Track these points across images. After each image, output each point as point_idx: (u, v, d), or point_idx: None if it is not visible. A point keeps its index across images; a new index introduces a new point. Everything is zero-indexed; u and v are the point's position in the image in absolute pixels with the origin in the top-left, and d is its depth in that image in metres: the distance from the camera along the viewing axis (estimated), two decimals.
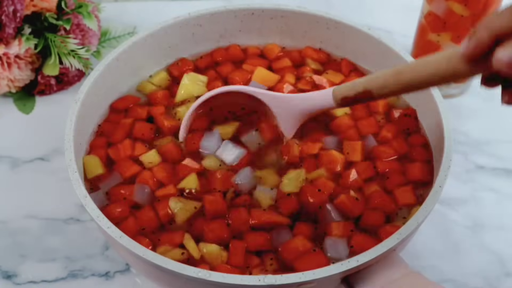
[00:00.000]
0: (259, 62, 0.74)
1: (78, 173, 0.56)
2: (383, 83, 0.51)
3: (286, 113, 0.64)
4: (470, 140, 0.79)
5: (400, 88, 0.50)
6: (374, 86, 0.53)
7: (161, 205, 0.59)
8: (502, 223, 0.71)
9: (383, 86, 0.52)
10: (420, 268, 0.66)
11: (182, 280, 0.51)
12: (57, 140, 0.75)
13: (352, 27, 0.72)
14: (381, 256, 0.51)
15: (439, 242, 0.69)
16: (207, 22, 0.74)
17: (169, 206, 0.59)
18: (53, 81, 0.82)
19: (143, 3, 0.99)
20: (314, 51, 0.75)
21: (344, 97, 0.57)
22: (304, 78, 0.71)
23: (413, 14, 0.83)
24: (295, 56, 0.75)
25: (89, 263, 0.66)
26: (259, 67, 0.72)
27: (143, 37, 0.70)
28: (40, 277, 0.65)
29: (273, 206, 0.60)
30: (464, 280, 0.66)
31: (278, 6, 0.74)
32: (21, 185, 0.73)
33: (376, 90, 0.53)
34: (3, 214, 0.70)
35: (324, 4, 0.99)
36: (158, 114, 0.67)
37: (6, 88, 0.81)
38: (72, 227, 0.69)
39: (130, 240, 0.51)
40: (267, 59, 0.75)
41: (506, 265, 0.67)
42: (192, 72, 0.72)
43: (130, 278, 0.65)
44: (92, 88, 0.64)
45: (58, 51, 0.78)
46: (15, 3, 0.74)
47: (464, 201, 0.73)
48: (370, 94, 0.53)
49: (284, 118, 0.64)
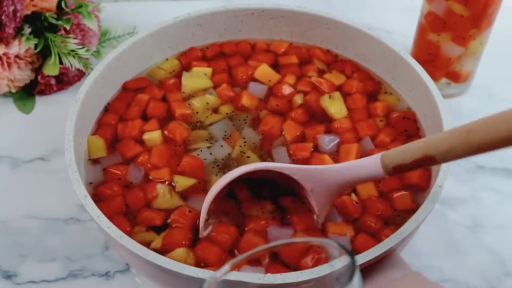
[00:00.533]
0: (266, 57, 0.74)
1: (78, 173, 0.56)
2: (449, 148, 0.45)
3: (320, 188, 0.55)
4: None
5: (470, 152, 0.44)
6: (437, 151, 0.46)
7: (149, 187, 0.60)
8: (502, 223, 0.71)
9: (449, 151, 0.45)
10: (420, 268, 0.66)
11: (182, 280, 0.51)
12: (57, 140, 0.75)
13: (352, 27, 0.72)
14: (381, 256, 0.51)
15: (439, 242, 0.69)
16: (207, 22, 0.74)
17: (156, 189, 0.60)
18: (53, 81, 0.82)
19: (143, 3, 0.99)
20: (322, 52, 0.75)
21: (398, 165, 0.50)
22: (304, 79, 0.71)
23: (413, 14, 0.83)
24: (303, 53, 0.75)
25: (89, 263, 0.66)
26: (264, 64, 0.72)
27: (143, 37, 0.70)
28: (40, 277, 0.65)
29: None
30: (464, 280, 0.66)
31: (278, 6, 0.74)
32: (21, 185, 0.73)
33: (440, 156, 0.46)
34: (3, 214, 0.70)
35: (324, 4, 0.99)
36: (173, 100, 0.68)
37: (6, 88, 0.81)
38: (72, 227, 0.69)
39: (130, 240, 0.51)
40: (274, 53, 0.75)
41: (506, 265, 0.67)
42: (195, 68, 0.72)
43: (130, 278, 0.65)
44: (92, 88, 0.64)
45: (58, 51, 0.78)
46: (15, 3, 0.74)
47: (464, 201, 0.73)
48: (431, 160, 0.47)
49: (318, 194, 0.56)
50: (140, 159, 0.62)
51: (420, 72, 0.66)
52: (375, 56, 0.72)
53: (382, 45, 0.70)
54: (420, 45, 0.82)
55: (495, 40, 0.81)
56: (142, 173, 0.61)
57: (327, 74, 0.72)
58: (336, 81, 0.71)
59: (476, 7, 0.73)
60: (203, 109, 0.68)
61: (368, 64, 0.73)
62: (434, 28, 0.77)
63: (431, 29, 0.78)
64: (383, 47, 0.70)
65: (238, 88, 0.71)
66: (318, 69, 0.73)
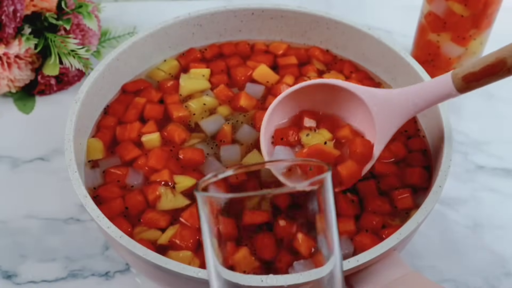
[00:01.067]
0: (265, 58, 0.74)
1: (78, 173, 0.56)
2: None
3: (385, 114, 0.54)
4: (470, 140, 0.79)
5: None
6: (510, 53, 0.43)
7: (150, 189, 0.60)
8: (502, 223, 0.71)
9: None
10: (420, 268, 0.66)
11: (182, 280, 0.51)
12: (57, 140, 0.75)
13: (352, 27, 0.72)
14: (381, 256, 0.51)
15: (439, 242, 0.69)
16: (207, 22, 0.74)
17: (158, 191, 0.59)
18: (53, 81, 0.82)
19: (143, 3, 0.99)
20: (321, 52, 0.75)
21: (469, 73, 0.47)
22: (303, 78, 0.71)
23: (413, 14, 0.83)
24: (302, 54, 0.75)
25: (89, 263, 0.66)
26: (262, 65, 0.72)
27: (143, 37, 0.70)
28: (40, 277, 0.65)
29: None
30: (464, 280, 0.66)
31: (278, 6, 0.74)
32: (21, 185, 0.73)
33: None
34: (3, 214, 0.70)
35: (324, 4, 0.99)
36: (170, 103, 0.68)
37: (6, 88, 0.81)
38: (72, 227, 0.69)
39: (130, 240, 0.51)
40: (273, 54, 0.75)
41: (506, 265, 0.67)
42: (192, 69, 0.72)
43: (130, 278, 0.65)
44: (92, 88, 0.64)
45: (58, 51, 0.78)
46: (15, 3, 0.74)
47: (464, 201, 0.73)
48: (503, 64, 0.45)
49: (382, 119, 0.54)
50: (139, 162, 0.62)
51: (420, 72, 0.66)
52: (375, 56, 0.72)
53: (382, 45, 0.70)
54: (420, 45, 0.82)
55: (495, 40, 0.81)
56: (141, 176, 0.61)
57: (326, 74, 0.72)
58: None
59: (476, 7, 0.73)
60: (200, 110, 0.68)
61: (367, 65, 0.73)
62: (434, 28, 0.77)
63: (431, 29, 0.78)
64: (383, 47, 0.70)
65: (236, 88, 0.71)
66: (317, 69, 0.73)
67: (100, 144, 0.64)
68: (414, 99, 0.53)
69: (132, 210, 0.59)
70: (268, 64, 0.73)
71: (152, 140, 0.64)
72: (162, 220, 0.58)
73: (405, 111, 0.54)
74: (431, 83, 0.53)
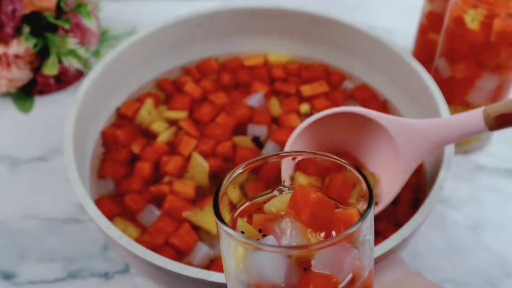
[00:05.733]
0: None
1: (77, 173, 0.56)
2: None
3: (411, 146, 0.51)
4: None
5: None
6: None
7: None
8: (502, 223, 0.71)
9: None
10: (421, 268, 0.66)
11: (182, 280, 0.51)
12: (56, 140, 0.75)
13: (352, 27, 0.72)
14: (382, 257, 0.51)
15: (439, 242, 0.69)
16: (207, 22, 0.74)
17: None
18: (52, 81, 0.82)
19: (143, 3, 0.99)
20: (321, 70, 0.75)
21: (501, 114, 0.47)
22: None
23: (413, 13, 0.83)
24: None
25: (88, 264, 0.66)
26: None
27: (143, 37, 0.70)
28: (40, 278, 0.65)
29: None
30: (464, 280, 0.66)
31: (278, 6, 0.74)
32: (20, 185, 0.73)
33: None
34: (2, 214, 0.70)
35: (324, 4, 0.99)
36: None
37: (5, 88, 0.80)
38: (72, 227, 0.69)
39: (130, 240, 0.51)
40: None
41: (507, 265, 0.67)
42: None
43: (129, 278, 0.65)
44: (91, 87, 0.64)
45: (57, 51, 0.77)
46: (14, 3, 0.74)
47: (464, 201, 0.73)
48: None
49: (406, 151, 0.51)
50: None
51: (420, 72, 0.66)
52: (375, 56, 0.72)
53: (382, 45, 0.70)
54: (421, 45, 0.82)
55: None
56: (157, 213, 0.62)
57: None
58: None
59: None
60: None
61: (368, 64, 0.73)
62: (435, 27, 0.77)
63: (432, 29, 0.78)
64: (383, 47, 0.70)
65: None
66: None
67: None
68: (443, 133, 0.51)
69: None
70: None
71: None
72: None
73: (433, 145, 0.52)
74: (462, 119, 0.51)
